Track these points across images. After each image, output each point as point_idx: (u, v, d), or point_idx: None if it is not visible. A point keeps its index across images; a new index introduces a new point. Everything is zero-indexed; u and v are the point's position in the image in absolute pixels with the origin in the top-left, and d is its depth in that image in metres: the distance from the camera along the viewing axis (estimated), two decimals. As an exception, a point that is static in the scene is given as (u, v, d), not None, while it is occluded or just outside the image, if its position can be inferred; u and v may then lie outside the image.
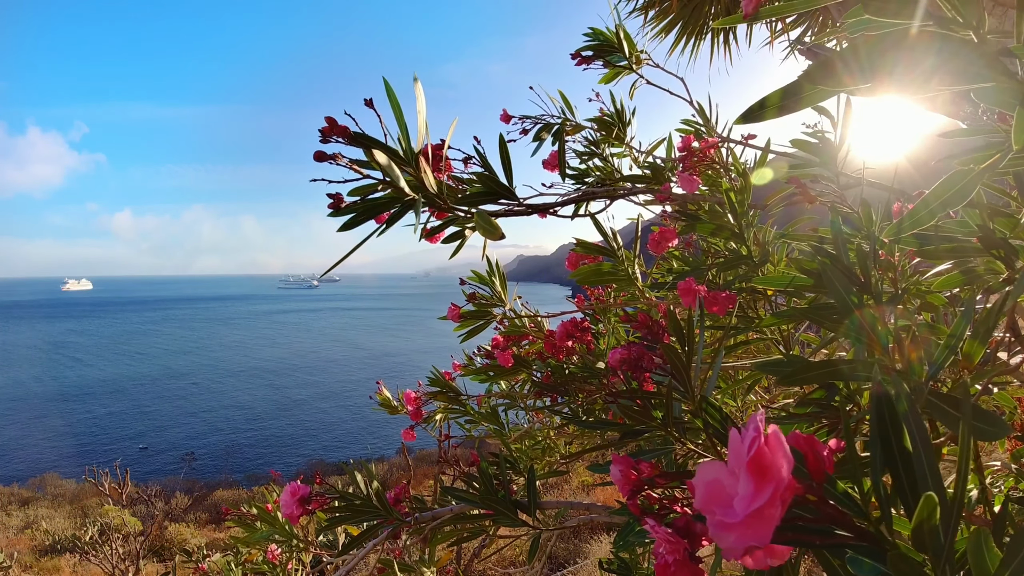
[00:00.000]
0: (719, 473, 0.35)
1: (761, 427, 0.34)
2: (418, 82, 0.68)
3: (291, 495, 1.16)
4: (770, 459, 0.32)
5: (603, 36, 1.75)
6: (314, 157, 0.66)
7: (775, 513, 0.31)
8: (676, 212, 1.26)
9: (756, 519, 0.31)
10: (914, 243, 0.78)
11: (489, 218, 0.75)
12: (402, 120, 0.69)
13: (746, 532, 0.32)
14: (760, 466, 0.32)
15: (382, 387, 2.00)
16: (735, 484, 0.33)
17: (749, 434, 0.34)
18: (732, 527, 0.32)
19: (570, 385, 1.37)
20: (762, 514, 0.31)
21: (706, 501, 0.34)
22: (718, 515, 0.33)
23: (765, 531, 0.31)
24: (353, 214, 0.72)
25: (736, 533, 0.32)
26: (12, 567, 7.91)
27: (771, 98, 0.54)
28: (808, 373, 0.57)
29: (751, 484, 0.32)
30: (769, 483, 0.32)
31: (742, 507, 0.32)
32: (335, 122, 0.66)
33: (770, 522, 0.31)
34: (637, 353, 0.73)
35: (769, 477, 0.32)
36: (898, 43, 0.44)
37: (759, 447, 0.33)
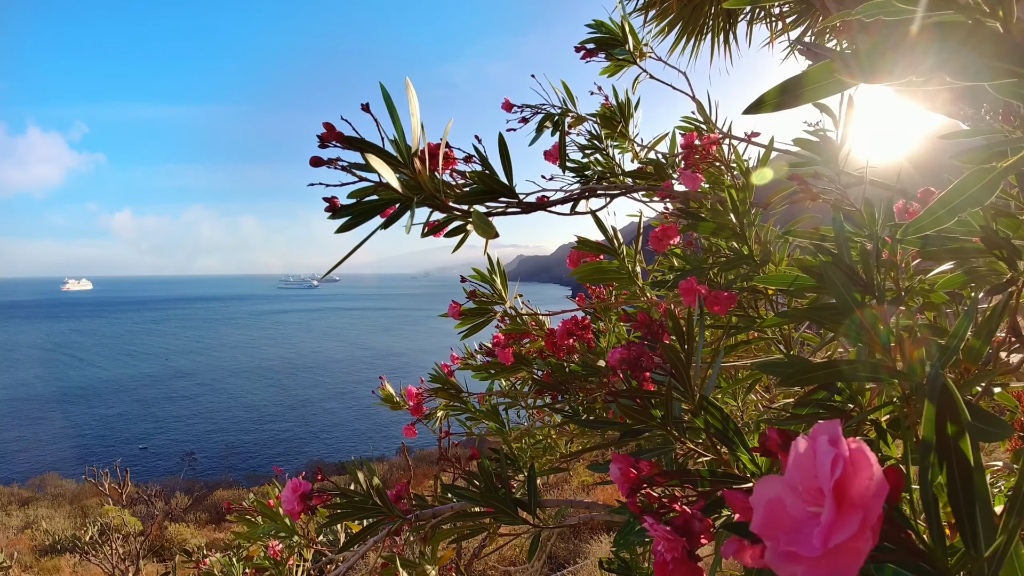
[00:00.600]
0: (781, 490, 0.30)
1: (841, 440, 0.29)
2: (410, 86, 0.69)
3: (293, 491, 1.16)
4: (856, 481, 0.28)
5: (607, 28, 1.75)
6: (310, 162, 0.67)
7: (864, 547, 0.27)
8: (678, 210, 1.26)
9: (839, 553, 0.27)
10: (917, 243, 0.77)
11: (485, 218, 0.75)
12: (398, 122, 0.70)
13: (823, 567, 0.27)
14: (845, 489, 0.28)
15: (385, 382, 2.00)
16: (799, 504, 0.29)
17: (824, 448, 0.29)
18: (805, 560, 0.27)
19: (570, 383, 1.37)
20: (847, 548, 0.27)
21: (767, 524, 0.30)
22: (784, 544, 0.28)
23: (849, 567, 0.27)
24: (350, 216, 0.72)
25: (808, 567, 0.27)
26: (12, 567, 7.91)
27: (770, 92, 0.54)
28: (809, 374, 0.56)
29: (834, 511, 0.27)
30: (857, 511, 0.27)
31: (822, 539, 0.27)
32: (333, 128, 0.67)
33: (857, 557, 0.27)
34: (637, 352, 0.73)
35: (855, 504, 0.27)
36: (901, 39, 0.44)
37: (845, 467, 0.28)
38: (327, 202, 0.70)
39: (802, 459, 0.30)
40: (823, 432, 0.29)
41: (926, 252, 0.76)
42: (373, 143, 0.70)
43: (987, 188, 0.52)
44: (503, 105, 1.76)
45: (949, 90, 0.45)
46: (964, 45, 0.43)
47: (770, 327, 1.14)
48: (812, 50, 1.97)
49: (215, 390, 35.81)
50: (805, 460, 0.30)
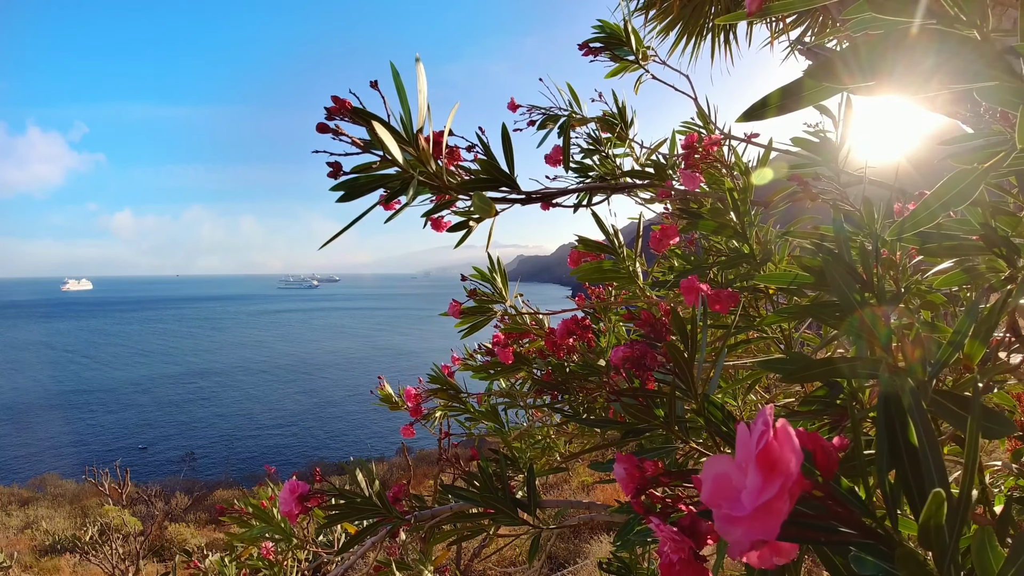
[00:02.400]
0: (727, 467, 0.34)
1: (770, 421, 0.33)
2: (420, 63, 0.69)
3: (290, 492, 1.15)
4: (778, 453, 0.32)
5: (611, 29, 1.76)
6: (317, 128, 0.67)
7: (783, 507, 0.31)
8: (678, 210, 1.26)
9: (764, 512, 0.31)
10: (916, 241, 0.78)
11: (484, 196, 0.76)
12: (405, 101, 0.70)
13: (753, 526, 0.31)
14: (769, 460, 0.32)
15: (384, 383, 2.00)
16: (743, 478, 0.33)
17: (758, 428, 0.33)
18: (739, 520, 0.32)
19: (571, 383, 1.37)
20: (770, 507, 0.31)
21: (713, 495, 0.34)
22: (725, 509, 0.33)
23: (773, 525, 0.31)
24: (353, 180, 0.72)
25: (743, 527, 0.32)
26: (12, 567, 7.90)
27: (772, 97, 0.54)
28: (810, 371, 0.56)
29: (759, 477, 0.32)
30: (777, 477, 0.32)
31: (750, 500, 0.32)
32: (341, 100, 0.67)
33: (778, 516, 0.31)
34: (640, 351, 0.73)
35: (778, 471, 0.32)
36: (899, 42, 0.44)
37: (768, 440, 0.32)
38: (330, 167, 0.71)
39: (743, 438, 0.34)
40: (761, 414, 0.34)
41: (925, 249, 0.77)
42: (376, 115, 0.70)
43: (973, 184, 0.53)
44: (508, 105, 1.77)
45: (948, 90, 0.46)
46: (963, 46, 0.43)
47: (771, 325, 1.14)
48: (812, 50, 1.98)
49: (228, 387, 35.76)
50: (744, 438, 0.34)
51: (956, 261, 0.78)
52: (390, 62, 0.71)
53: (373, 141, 0.71)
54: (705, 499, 0.34)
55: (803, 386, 1.31)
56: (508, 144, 0.87)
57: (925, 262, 0.89)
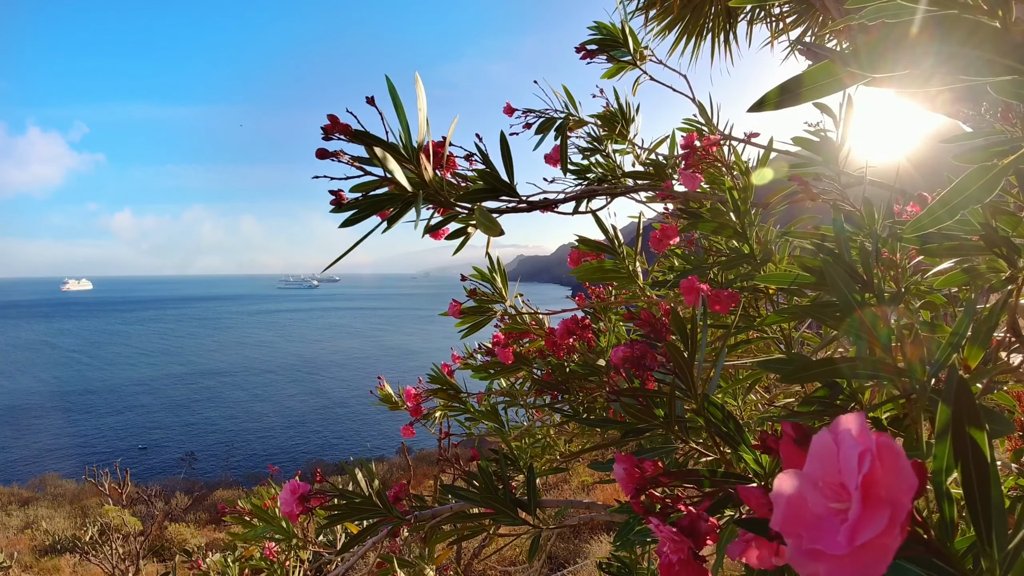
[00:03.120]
0: (802, 487, 0.29)
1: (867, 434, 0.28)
2: (419, 80, 0.68)
3: (291, 493, 1.15)
4: (883, 476, 0.27)
5: (608, 30, 1.76)
6: (316, 154, 0.67)
7: (892, 544, 0.26)
8: (678, 210, 1.26)
9: (867, 551, 0.26)
10: (916, 241, 0.77)
11: (489, 214, 0.75)
12: (403, 117, 0.69)
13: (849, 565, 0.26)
14: (874, 485, 0.27)
15: (383, 383, 2.00)
16: (821, 501, 0.28)
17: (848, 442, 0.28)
18: (830, 559, 0.26)
19: (571, 383, 1.37)
20: (875, 545, 0.26)
21: (789, 521, 0.29)
22: (808, 542, 0.27)
23: (876, 565, 0.26)
24: (355, 211, 0.72)
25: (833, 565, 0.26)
26: (12, 567, 7.90)
27: (770, 93, 0.54)
28: (810, 371, 0.56)
29: (861, 507, 0.26)
30: (884, 507, 0.26)
31: (849, 536, 0.26)
32: (338, 120, 0.67)
33: (885, 554, 0.26)
34: (640, 351, 0.73)
35: (882, 499, 0.26)
36: (901, 39, 0.44)
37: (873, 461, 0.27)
38: (333, 195, 0.70)
39: (824, 453, 0.29)
40: (847, 425, 0.28)
41: (926, 249, 0.76)
42: (380, 138, 0.69)
43: (986, 187, 0.52)
44: (505, 110, 1.76)
45: (949, 90, 0.45)
46: (965, 44, 0.43)
47: (771, 325, 1.14)
48: (812, 50, 1.98)
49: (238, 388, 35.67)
50: (828, 454, 0.28)
51: (956, 261, 0.78)
52: (386, 76, 0.69)
53: (373, 160, 0.70)
54: (778, 525, 0.29)
55: (803, 386, 1.31)
56: (507, 153, 0.87)
57: (925, 262, 0.89)
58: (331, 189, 0.70)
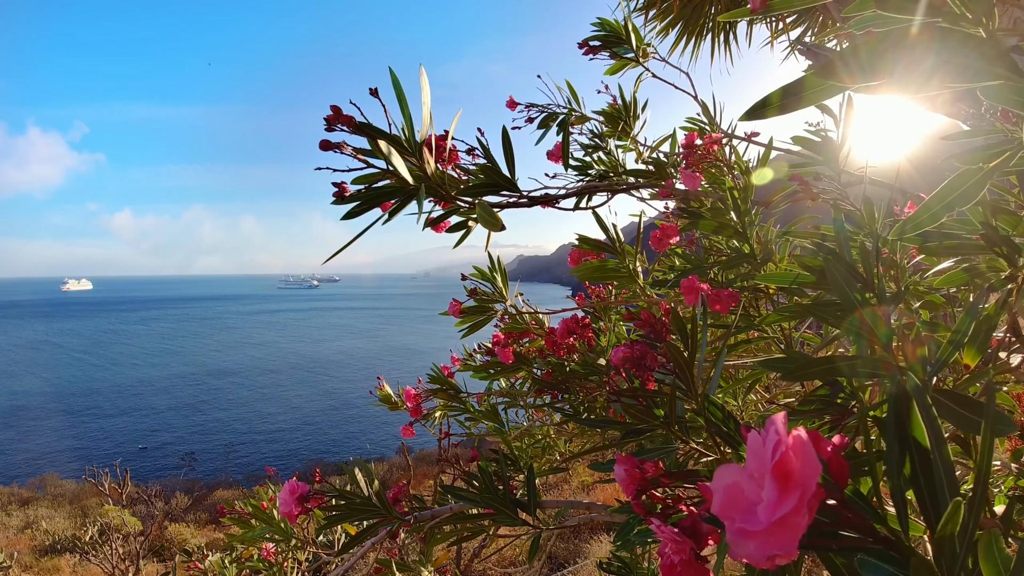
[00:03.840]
0: (738, 477, 0.33)
1: (783, 429, 0.32)
2: (424, 73, 0.68)
3: (290, 493, 1.15)
4: (795, 464, 0.31)
5: (611, 27, 1.76)
6: (320, 146, 0.66)
7: (801, 521, 0.30)
8: (679, 209, 1.26)
9: (781, 527, 0.30)
10: (916, 241, 0.77)
11: (490, 209, 0.75)
12: (406, 110, 0.69)
13: (769, 540, 0.30)
14: (785, 471, 0.31)
15: (383, 383, 2.00)
16: (755, 489, 0.32)
17: (771, 437, 0.32)
18: (754, 535, 0.31)
19: (571, 383, 1.37)
20: (787, 522, 0.30)
21: (725, 507, 0.33)
22: (738, 522, 0.32)
23: (790, 540, 0.30)
24: (357, 203, 0.72)
25: (758, 541, 0.31)
26: (12, 567, 7.90)
27: (772, 96, 0.54)
28: (810, 370, 0.56)
29: (775, 490, 0.31)
30: (795, 489, 0.30)
31: (766, 515, 0.30)
32: (340, 111, 0.67)
33: (796, 530, 0.30)
34: (641, 351, 0.72)
35: (795, 483, 0.31)
36: (899, 42, 0.44)
37: (784, 451, 0.31)
38: (336, 187, 0.70)
39: (756, 447, 0.33)
40: (772, 423, 0.33)
41: (926, 248, 0.76)
42: (383, 130, 0.69)
43: (978, 184, 0.53)
44: (507, 103, 1.76)
45: (949, 90, 0.45)
46: (964, 46, 0.43)
47: (771, 324, 1.14)
48: (812, 50, 1.97)
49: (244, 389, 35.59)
50: (758, 448, 0.33)
51: (956, 260, 0.78)
52: (389, 68, 0.69)
53: (375, 153, 0.70)
54: (716, 511, 0.33)
55: (803, 385, 1.31)
56: (509, 147, 0.86)
57: (925, 262, 0.89)
58: (334, 182, 0.70)
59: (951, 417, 0.47)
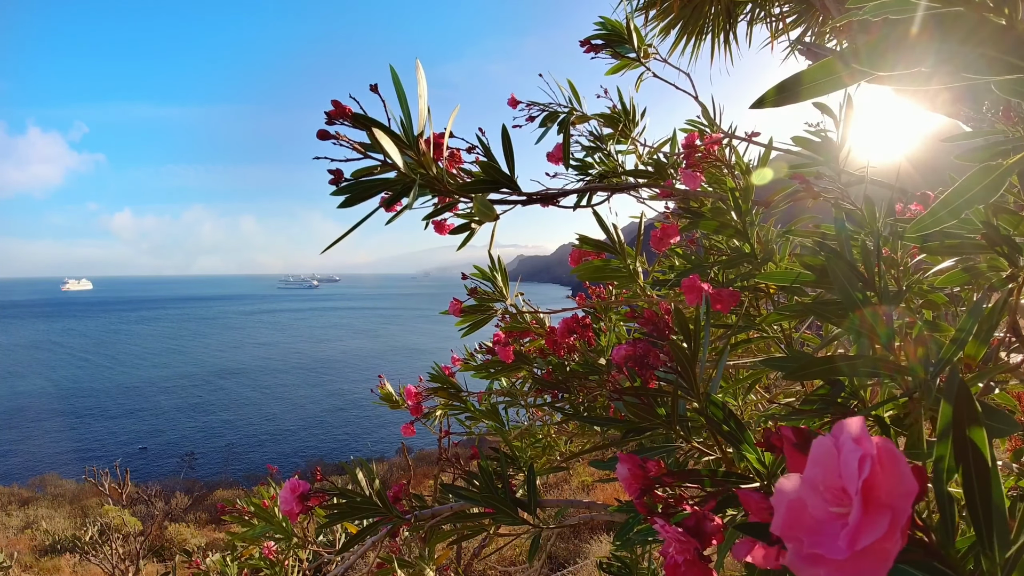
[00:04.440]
0: (801, 491, 0.29)
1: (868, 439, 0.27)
2: (420, 67, 0.69)
3: (291, 491, 1.15)
4: (883, 481, 0.26)
5: (613, 26, 1.76)
6: (317, 135, 0.67)
7: (892, 549, 0.26)
8: (679, 209, 1.26)
9: (867, 555, 0.26)
10: (917, 240, 0.77)
11: (486, 200, 0.75)
12: (405, 105, 0.70)
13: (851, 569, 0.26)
14: (872, 489, 0.26)
15: (384, 381, 2.00)
16: (820, 504, 0.28)
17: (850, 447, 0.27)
18: (830, 563, 0.26)
19: (571, 382, 1.37)
20: (875, 550, 0.26)
21: (790, 526, 0.28)
22: (808, 546, 0.27)
23: (878, 569, 0.26)
24: (353, 191, 0.72)
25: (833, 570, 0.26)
26: (12, 567, 7.90)
27: (770, 91, 0.54)
28: (812, 369, 0.56)
29: (861, 512, 0.26)
30: (885, 511, 0.26)
31: (849, 541, 0.26)
32: (341, 105, 0.67)
33: (885, 559, 0.26)
34: (643, 350, 0.72)
35: (884, 504, 0.26)
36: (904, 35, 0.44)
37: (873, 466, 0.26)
38: (331, 174, 0.70)
39: (825, 458, 0.28)
40: (847, 429, 0.28)
41: (927, 248, 0.76)
42: (379, 121, 0.70)
43: (990, 188, 0.52)
44: (509, 101, 1.76)
45: (949, 90, 0.45)
46: (965, 44, 0.42)
47: (772, 323, 1.14)
48: (812, 50, 1.97)
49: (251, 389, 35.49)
50: (828, 459, 0.28)
51: (958, 260, 0.78)
52: (390, 65, 0.70)
53: (374, 145, 0.70)
54: (779, 530, 0.29)
55: (803, 385, 1.31)
56: (508, 145, 0.87)
57: (925, 261, 0.89)
58: (330, 168, 0.70)
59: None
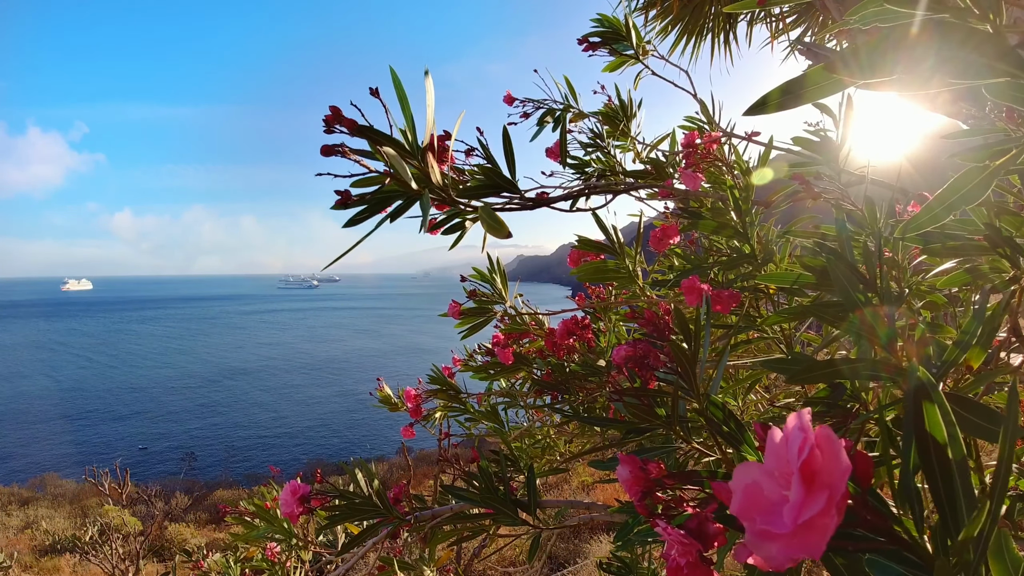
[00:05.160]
0: (757, 476, 0.32)
1: (808, 426, 0.31)
2: (429, 76, 0.67)
3: (291, 493, 1.15)
4: (822, 462, 0.30)
5: (611, 23, 1.75)
6: (321, 151, 0.65)
7: (830, 523, 0.29)
8: (678, 209, 1.26)
9: (808, 529, 0.29)
10: (919, 241, 0.77)
11: (495, 215, 0.74)
12: (408, 111, 0.68)
13: (795, 542, 0.29)
14: (812, 470, 0.29)
15: (383, 384, 1.99)
16: (775, 488, 0.31)
17: (794, 434, 0.31)
18: (778, 537, 0.29)
19: (571, 383, 1.36)
20: (815, 524, 0.29)
21: (745, 507, 0.32)
22: (760, 523, 0.30)
23: (818, 542, 0.29)
24: (361, 208, 0.71)
25: (782, 543, 0.29)
26: (12, 567, 7.90)
27: (772, 94, 0.54)
28: (814, 372, 0.56)
29: (802, 490, 0.29)
30: (822, 490, 0.29)
31: (792, 516, 0.29)
32: (340, 112, 0.66)
33: (824, 532, 0.29)
34: (643, 351, 0.72)
35: (822, 483, 0.29)
36: (902, 39, 0.44)
37: (811, 449, 0.30)
38: (339, 195, 0.69)
39: (776, 446, 0.32)
40: (795, 421, 0.31)
41: (928, 249, 0.76)
42: (386, 134, 0.68)
43: (981, 185, 0.53)
44: (505, 98, 1.76)
45: (949, 90, 0.45)
46: (964, 44, 0.42)
47: (772, 325, 1.14)
48: (812, 50, 1.97)
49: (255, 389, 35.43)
50: (779, 446, 0.32)
51: (959, 261, 0.77)
52: (390, 67, 0.68)
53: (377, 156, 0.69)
54: (736, 511, 0.32)
55: (803, 386, 1.31)
56: (509, 148, 0.86)
57: (926, 262, 0.89)
58: (337, 190, 0.69)
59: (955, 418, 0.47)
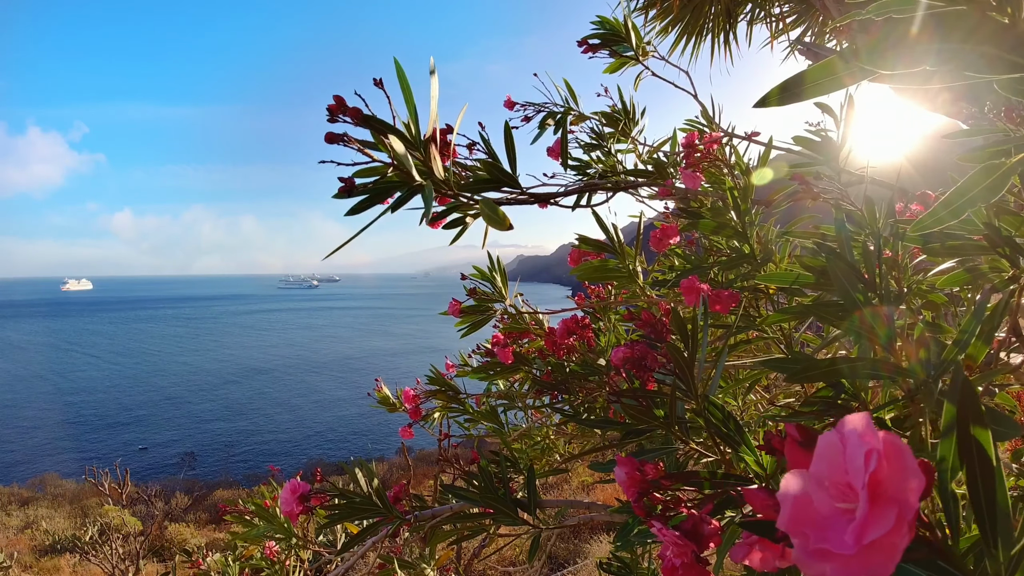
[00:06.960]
0: (808, 487, 0.28)
1: (874, 433, 0.27)
2: (433, 67, 0.67)
3: (291, 492, 1.15)
4: (889, 475, 0.26)
5: (610, 24, 1.75)
6: (325, 139, 0.65)
7: (900, 543, 0.26)
8: (678, 209, 1.26)
9: (873, 550, 0.25)
10: (919, 241, 0.77)
11: (496, 207, 0.74)
12: (412, 103, 0.68)
13: (856, 564, 0.26)
14: (879, 484, 0.26)
15: (381, 384, 1.99)
16: (826, 500, 0.28)
17: (855, 441, 0.27)
18: (837, 558, 0.26)
19: (570, 383, 1.36)
20: (882, 544, 0.25)
21: (795, 521, 0.28)
22: (815, 541, 0.27)
23: (885, 564, 0.25)
24: (364, 196, 0.71)
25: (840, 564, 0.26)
26: (12, 567, 7.90)
27: (773, 90, 0.54)
28: (814, 371, 0.56)
29: (868, 506, 0.26)
30: (891, 506, 0.26)
31: (855, 535, 0.26)
32: (344, 101, 0.65)
33: (893, 554, 0.25)
34: (641, 352, 0.72)
35: (890, 498, 0.26)
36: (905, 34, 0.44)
37: (879, 460, 0.26)
38: (343, 182, 0.69)
39: (831, 453, 0.28)
40: (853, 424, 0.28)
41: (928, 249, 0.76)
42: (389, 124, 0.68)
43: (991, 188, 0.52)
44: (505, 103, 1.75)
45: (949, 89, 0.45)
46: (965, 44, 0.42)
47: (772, 324, 1.14)
48: (812, 50, 1.97)
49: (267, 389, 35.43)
50: (834, 454, 0.28)
51: (959, 261, 0.77)
52: (394, 59, 0.67)
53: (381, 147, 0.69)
54: (784, 525, 0.29)
55: (803, 386, 1.31)
56: (511, 143, 0.86)
57: (926, 262, 0.89)
58: (341, 176, 0.68)
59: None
